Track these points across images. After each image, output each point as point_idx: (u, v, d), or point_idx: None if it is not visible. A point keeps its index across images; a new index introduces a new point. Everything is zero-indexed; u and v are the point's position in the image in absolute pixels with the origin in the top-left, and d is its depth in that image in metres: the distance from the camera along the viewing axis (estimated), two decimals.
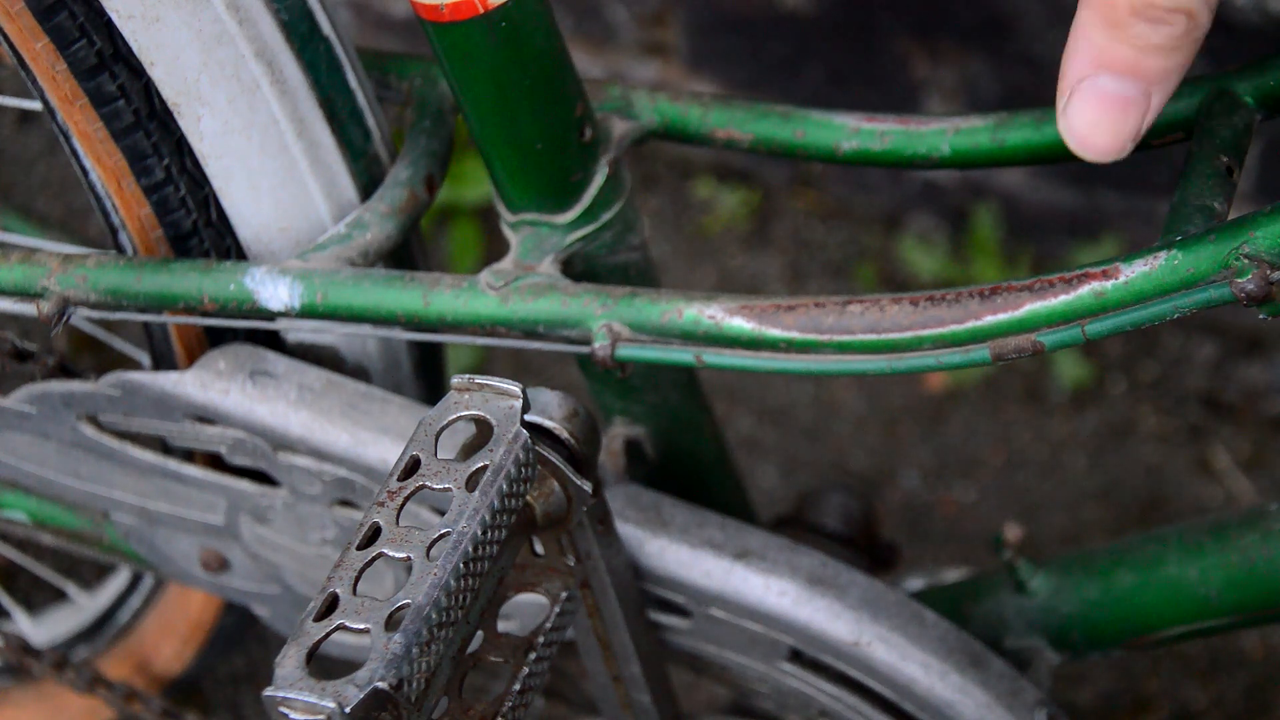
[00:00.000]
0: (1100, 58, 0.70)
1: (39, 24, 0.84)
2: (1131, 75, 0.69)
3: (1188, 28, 0.68)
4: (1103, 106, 0.70)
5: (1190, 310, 0.74)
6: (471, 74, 0.81)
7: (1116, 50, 0.69)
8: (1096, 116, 0.70)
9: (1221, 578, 0.90)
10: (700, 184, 1.88)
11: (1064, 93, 0.71)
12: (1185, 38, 0.68)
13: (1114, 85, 0.70)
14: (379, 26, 1.97)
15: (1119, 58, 0.69)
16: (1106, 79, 0.70)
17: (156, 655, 1.32)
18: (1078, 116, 0.71)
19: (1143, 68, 0.69)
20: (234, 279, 0.89)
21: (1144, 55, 0.69)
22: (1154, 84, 0.70)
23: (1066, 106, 0.71)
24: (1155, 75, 0.69)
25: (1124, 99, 0.70)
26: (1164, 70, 0.69)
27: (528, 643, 0.83)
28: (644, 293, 0.83)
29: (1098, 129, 0.71)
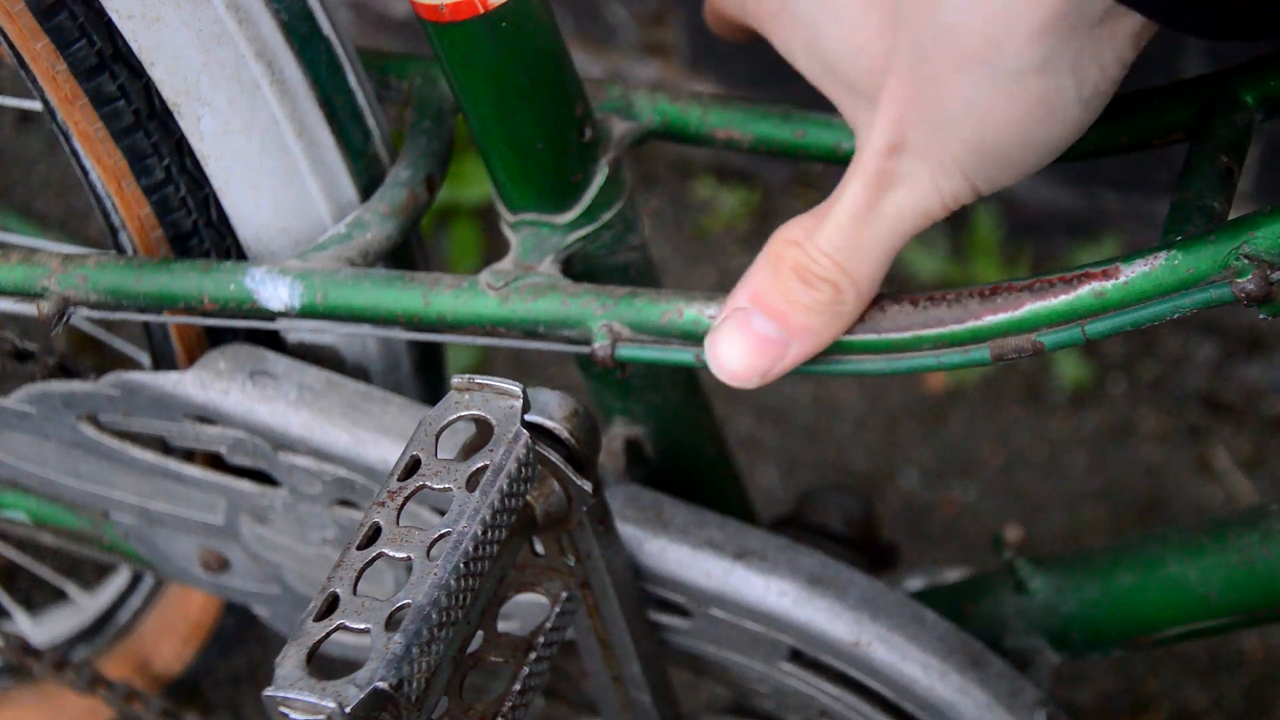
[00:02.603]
0: (758, 296, 0.78)
1: (39, 24, 0.84)
2: (777, 320, 0.77)
3: (832, 298, 0.77)
4: (745, 337, 0.78)
5: (1190, 310, 0.74)
6: (471, 74, 0.81)
7: (771, 295, 0.78)
8: (737, 344, 0.78)
9: (1221, 578, 0.90)
10: (700, 184, 1.88)
11: (722, 314, 0.79)
12: (829, 306, 0.77)
13: (760, 323, 0.78)
14: (379, 26, 1.97)
15: (771, 301, 0.78)
16: (757, 316, 0.78)
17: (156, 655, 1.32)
18: (722, 339, 0.79)
19: (787, 318, 0.77)
20: (234, 279, 0.89)
21: (791, 308, 0.77)
22: (794, 335, 0.78)
23: (718, 325, 0.79)
24: (796, 328, 0.77)
25: (765, 338, 0.78)
26: (805, 326, 0.77)
27: (528, 643, 0.83)
28: (644, 293, 0.84)
29: (733, 355, 0.78)
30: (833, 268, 0.76)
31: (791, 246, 0.77)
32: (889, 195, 0.74)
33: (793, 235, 0.77)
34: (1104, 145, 0.84)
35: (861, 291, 0.77)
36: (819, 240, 0.76)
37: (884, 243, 0.76)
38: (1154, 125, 0.83)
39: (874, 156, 0.74)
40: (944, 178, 0.73)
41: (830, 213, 0.76)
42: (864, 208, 0.75)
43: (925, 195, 0.74)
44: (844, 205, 0.75)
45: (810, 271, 0.76)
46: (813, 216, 0.77)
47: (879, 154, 0.74)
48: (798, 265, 0.77)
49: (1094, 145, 0.84)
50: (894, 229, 0.75)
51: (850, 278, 0.76)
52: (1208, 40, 0.86)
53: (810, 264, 0.76)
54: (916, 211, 0.74)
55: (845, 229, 0.75)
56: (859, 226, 0.75)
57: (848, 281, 0.76)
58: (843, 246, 0.76)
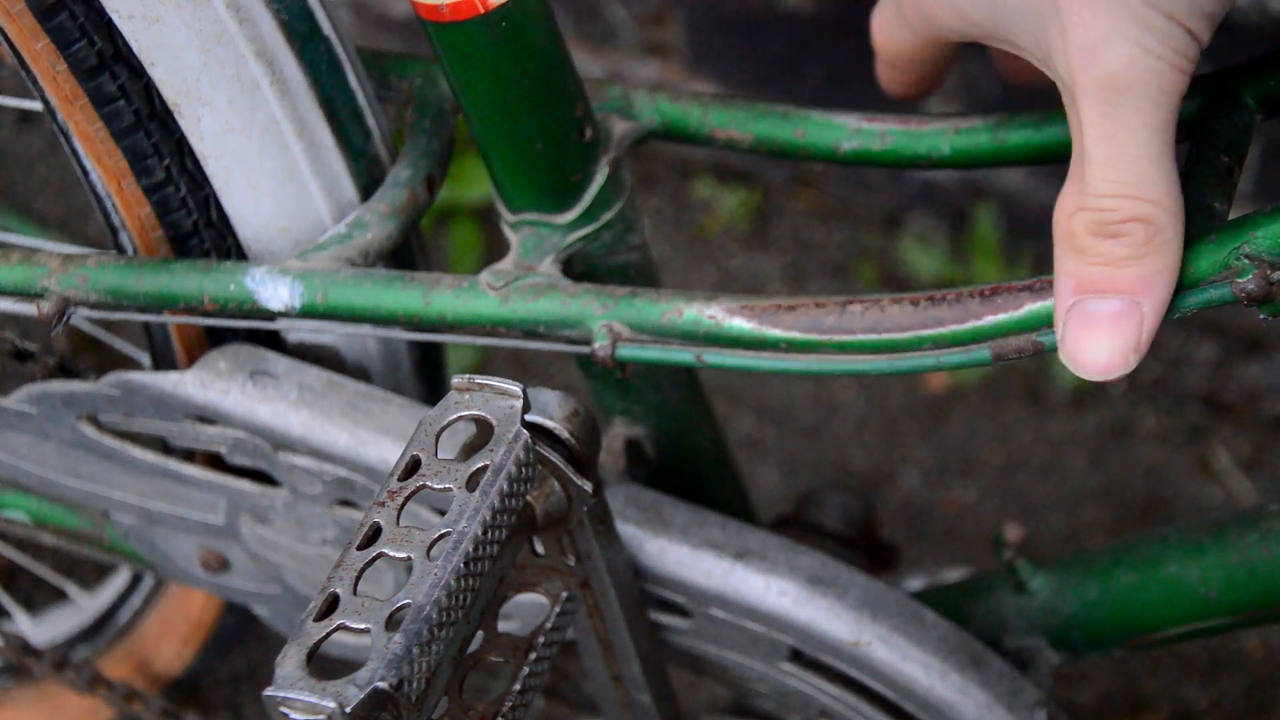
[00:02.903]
0: (1078, 283, 0.72)
1: (39, 24, 0.84)
2: (1112, 291, 0.71)
3: (1147, 233, 0.70)
4: (1094, 328, 0.72)
5: (1190, 310, 0.74)
6: (471, 74, 0.81)
7: (1089, 272, 0.71)
8: (1090, 339, 0.72)
9: (1221, 578, 0.90)
10: (700, 184, 1.88)
11: (1057, 322, 0.73)
12: (1150, 243, 0.70)
13: (1099, 305, 0.72)
14: (379, 26, 1.97)
15: (1093, 278, 0.71)
16: (1090, 301, 0.72)
17: (156, 655, 1.32)
18: (1073, 342, 0.72)
19: (1119, 281, 0.71)
20: (234, 279, 0.89)
21: (1116, 270, 0.71)
22: (1138, 293, 0.71)
23: (1063, 337, 0.73)
24: (1134, 285, 0.71)
25: (1112, 315, 0.71)
26: (1141, 278, 0.71)
27: (528, 643, 0.83)
28: (644, 293, 0.84)
29: (1094, 351, 0.72)
30: (1127, 204, 0.70)
31: (1076, 214, 0.71)
32: (1123, 97, 0.69)
33: (1069, 204, 0.72)
34: None
35: (1169, 207, 0.70)
36: (1094, 188, 0.70)
37: (1154, 148, 0.70)
38: None
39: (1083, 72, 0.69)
40: (1154, 38, 0.68)
41: (1086, 156, 0.70)
42: (1110, 127, 0.69)
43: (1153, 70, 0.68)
44: (1092, 139, 0.70)
45: (1109, 223, 0.70)
46: (1072, 177, 0.71)
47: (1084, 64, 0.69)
48: (1093, 226, 0.71)
49: None
50: (1152, 126, 0.69)
51: (1148, 201, 0.70)
52: None
53: (1104, 216, 0.70)
54: (1159, 94, 0.69)
55: (1110, 158, 0.70)
56: (1121, 149, 0.69)
57: (1149, 207, 0.70)
58: (1119, 177, 0.70)
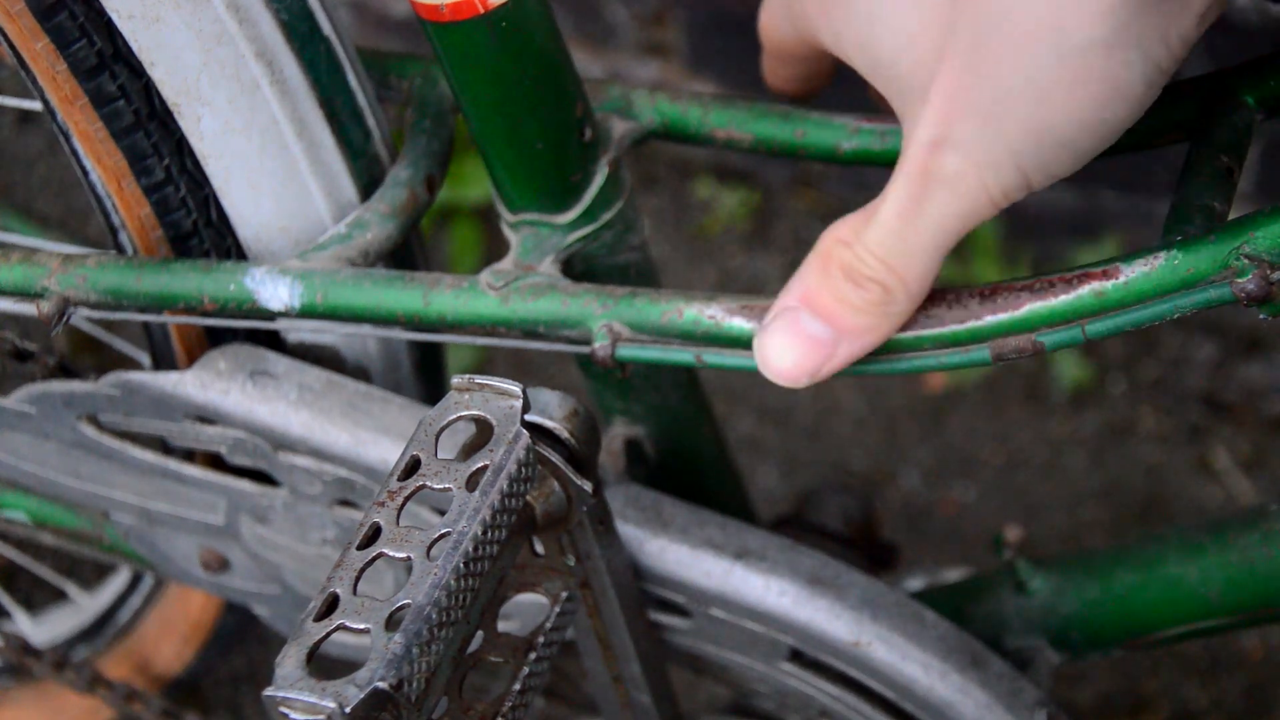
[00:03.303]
0: (807, 297, 0.77)
1: (39, 24, 0.84)
2: (826, 320, 0.77)
3: (882, 299, 0.76)
4: (794, 338, 0.78)
5: (1190, 310, 0.74)
6: (471, 74, 0.81)
7: (820, 295, 0.77)
8: (786, 344, 0.78)
9: (1221, 578, 0.90)
10: (700, 184, 1.88)
11: (770, 314, 0.79)
12: (879, 307, 0.76)
13: (810, 324, 0.77)
14: (379, 26, 1.97)
15: (820, 301, 0.77)
16: (806, 316, 0.77)
17: (156, 655, 1.32)
18: (771, 339, 0.78)
19: (837, 317, 0.77)
20: (234, 279, 0.89)
21: (841, 308, 0.77)
22: (843, 335, 0.77)
23: (766, 326, 0.79)
24: (846, 328, 0.77)
25: (814, 338, 0.77)
26: (855, 327, 0.77)
27: (528, 643, 0.83)
28: (644, 293, 0.84)
29: (783, 355, 0.78)
30: (881, 269, 0.75)
31: (840, 246, 0.76)
32: (935, 195, 0.73)
33: (841, 234, 0.76)
34: None
35: (912, 292, 0.76)
36: (867, 240, 0.75)
37: (932, 243, 0.74)
38: (1154, 125, 0.83)
39: (919, 153, 0.73)
40: (993, 174, 0.72)
41: (877, 212, 0.75)
42: (910, 207, 0.73)
43: (972, 194, 0.72)
44: (890, 205, 0.74)
45: (859, 272, 0.75)
46: (862, 214, 0.76)
47: (924, 150, 0.72)
48: (846, 265, 0.76)
49: None
50: (941, 228, 0.74)
51: (899, 278, 0.75)
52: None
53: (859, 264, 0.75)
54: (963, 212, 0.73)
55: (893, 229, 0.74)
56: (906, 227, 0.74)
57: (897, 282, 0.75)
58: (891, 247, 0.74)
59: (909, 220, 0.74)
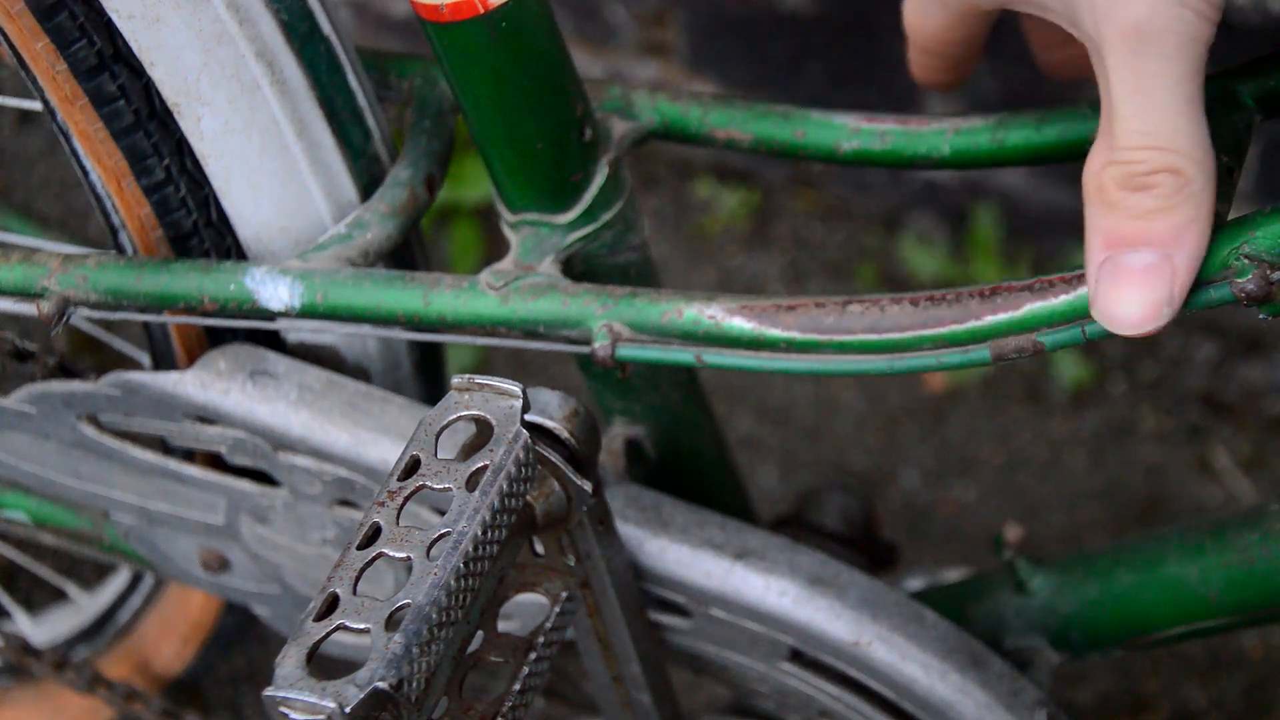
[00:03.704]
0: (1109, 237, 0.71)
1: (39, 24, 0.84)
2: (1143, 244, 0.71)
3: (1176, 184, 0.70)
4: (1126, 281, 0.71)
5: (1190, 310, 0.74)
6: (471, 74, 0.81)
7: (1119, 226, 0.71)
8: (1122, 293, 0.71)
9: (1221, 578, 0.90)
10: (700, 184, 1.88)
11: (1089, 279, 0.72)
12: (1179, 195, 0.70)
13: (1131, 259, 0.71)
14: (379, 26, 1.97)
15: (1124, 231, 0.71)
16: (1122, 255, 0.71)
17: (156, 655, 1.32)
18: (1105, 298, 0.72)
19: (1150, 234, 0.70)
20: (234, 279, 0.89)
21: (1147, 222, 0.70)
22: (1170, 246, 0.71)
23: (1094, 293, 0.72)
24: (1165, 237, 0.70)
25: (1144, 269, 0.71)
26: (1172, 229, 0.70)
27: (528, 643, 0.83)
28: (644, 293, 0.84)
29: (1128, 305, 0.71)
30: (1155, 155, 0.69)
31: (1104, 169, 0.71)
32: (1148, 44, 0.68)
33: (1098, 160, 0.71)
34: None
35: (1199, 158, 0.70)
36: (1122, 140, 0.70)
37: (1183, 99, 0.69)
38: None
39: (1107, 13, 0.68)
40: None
41: (1113, 111, 0.70)
42: (1136, 76, 0.69)
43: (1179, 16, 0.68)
44: (1118, 91, 0.69)
45: (1138, 175, 0.70)
46: (1101, 134, 0.71)
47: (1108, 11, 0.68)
48: (1122, 179, 0.70)
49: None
50: (1180, 78, 0.69)
51: (1176, 152, 0.69)
52: None
53: (1132, 168, 0.70)
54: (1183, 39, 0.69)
55: (1137, 110, 0.69)
56: (1149, 102, 0.69)
57: (1179, 159, 0.70)
58: (1147, 129, 0.69)
59: (1145, 92, 0.69)
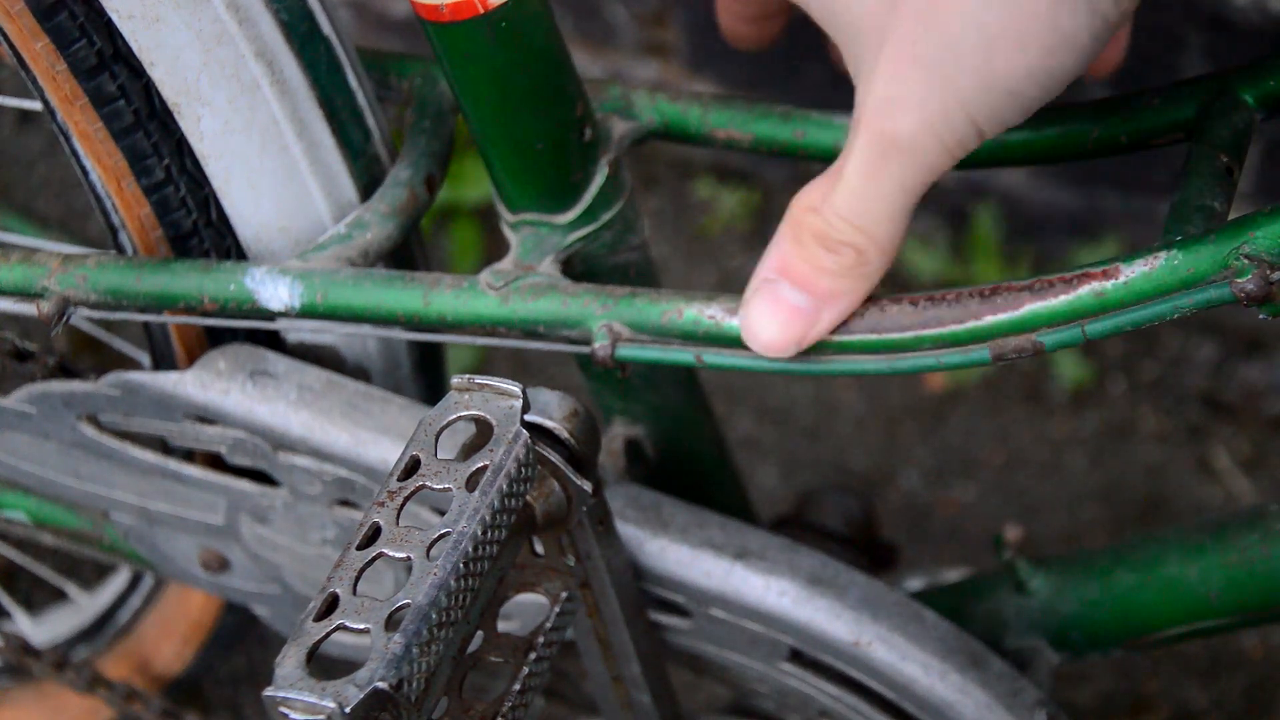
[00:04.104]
0: (783, 266, 0.78)
1: (39, 24, 0.84)
2: (804, 289, 0.78)
3: (855, 261, 0.77)
4: (775, 308, 0.79)
5: (1190, 310, 0.74)
6: (471, 74, 0.81)
7: (796, 264, 0.78)
8: (768, 316, 0.79)
9: (1221, 578, 0.90)
10: (700, 184, 1.88)
11: (750, 288, 0.80)
12: (854, 270, 0.77)
13: (789, 293, 0.78)
14: (379, 26, 1.97)
15: (796, 269, 0.78)
16: (785, 286, 0.78)
17: (156, 655, 1.32)
18: (753, 311, 0.79)
19: (814, 284, 0.78)
20: (234, 279, 0.89)
21: (817, 274, 0.78)
22: (824, 301, 0.78)
23: (747, 300, 0.80)
24: (824, 294, 0.78)
25: (794, 307, 0.78)
26: (832, 291, 0.78)
27: (528, 643, 0.83)
28: (644, 293, 0.84)
29: (766, 327, 0.79)
30: (852, 231, 0.76)
31: (809, 213, 0.77)
32: (894, 158, 0.74)
33: (810, 201, 0.77)
34: (1104, 145, 0.84)
35: (884, 250, 0.77)
36: (835, 205, 0.76)
37: (898, 203, 0.75)
38: (1154, 125, 0.83)
39: (875, 116, 0.73)
40: (946, 128, 0.73)
41: (841, 175, 0.75)
42: (871, 171, 0.74)
43: (930, 152, 0.73)
44: (852, 168, 0.75)
45: (830, 238, 0.76)
46: (827, 178, 0.77)
47: (879, 110, 0.73)
48: (818, 232, 0.77)
49: (1094, 145, 0.84)
50: (904, 188, 0.75)
51: (870, 238, 0.76)
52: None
53: (830, 230, 0.76)
54: (923, 169, 0.74)
55: (858, 192, 0.75)
56: (870, 190, 0.75)
57: (868, 242, 0.76)
58: (858, 210, 0.75)
59: (872, 183, 0.75)
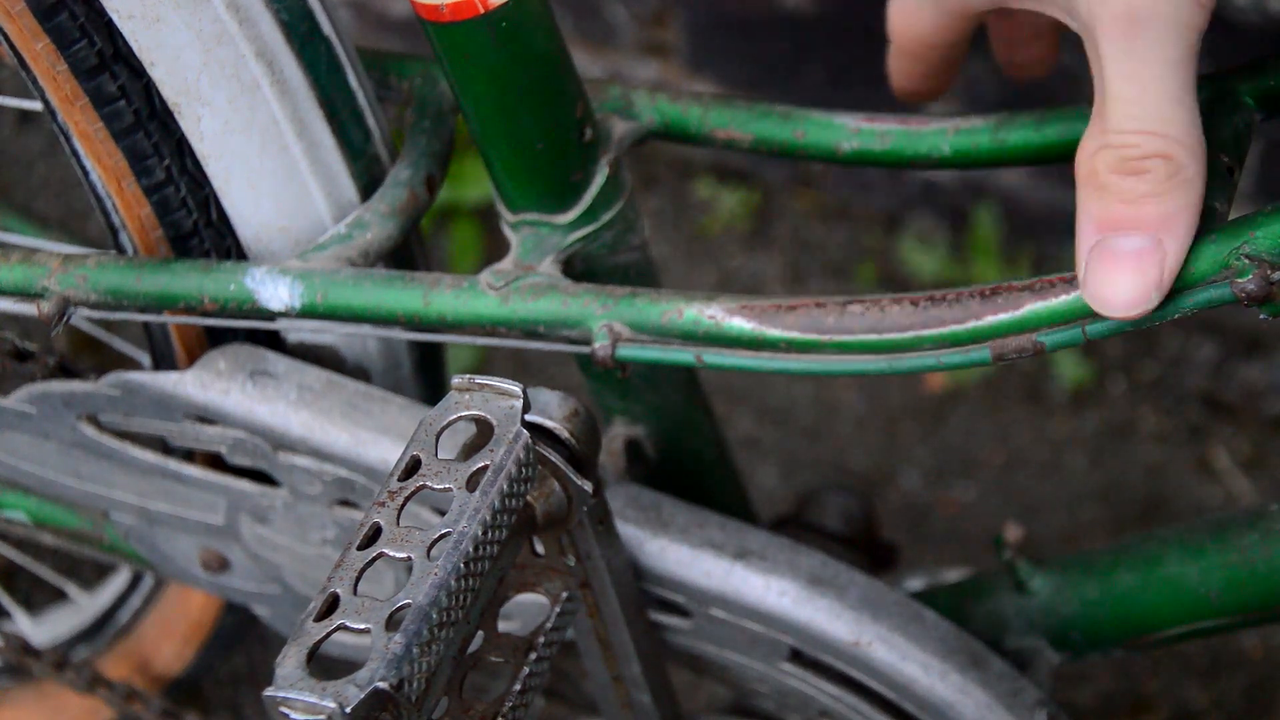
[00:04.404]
0: (1101, 221, 0.72)
1: (39, 24, 0.84)
2: (1134, 228, 0.71)
3: (1169, 170, 0.70)
4: (1116, 265, 0.72)
5: (1190, 310, 0.74)
6: (471, 74, 0.81)
7: (1111, 209, 0.71)
8: (1113, 276, 0.72)
9: (1221, 578, 0.90)
10: (700, 184, 1.88)
11: (1079, 263, 0.73)
12: (1171, 180, 0.70)
13: (1121, 243, 0.71)
14: (379, 26, 1.97)
15: (1115, 215, 0.71)
16: (1113, 239, 0.72)
17: (156, 655, 1.32)
18: (1095, 280, 0.72)
19: (1140, 218, 0.71)
20: (234, 279, 0.89)
21: (1137, 206, 0.71)
22: (1160, 230, 0.71)
23: (1085, 276, 0.73)
24: (1156, 222, 0.71)
25: (1135, 253, 0.71)
26: (1163, 215, 0.71)
27: (528, 643, 0.83)
28: (644, 293, 0.84)
29: (1116, 288, 0.72)
30: (1149, 139, 0.70)
31: (1097, 153, 0.71)
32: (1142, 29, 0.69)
33: (1091, 145, 0.72)
34: None
35: (1190, 145, 0.71)
36: (1115, 124, 0.70)
37: (1176, 85, 0.70)
38: None
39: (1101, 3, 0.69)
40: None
41: (1108, 95, 0.71)
42: (1130, 61, 0.70)
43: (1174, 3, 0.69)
44: (1112, 77, 0.70)
45: (1131, 160, 0.70)
46: (1095, 118, 0.72)
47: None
48: (1115, 164, 0.71)
49: None
50: (1174, 64, 0.70)
51: (1169, 138, 0.70)
52: None
53: (1125, 153, 0.70)
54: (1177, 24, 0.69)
55: (1129, 96, 0.70)
56: (1143, 87, 0.70)
57: (1171, 144, 0.70)
58: (1140, 114, 0.70)
59: (1139, 77, 0.70)
